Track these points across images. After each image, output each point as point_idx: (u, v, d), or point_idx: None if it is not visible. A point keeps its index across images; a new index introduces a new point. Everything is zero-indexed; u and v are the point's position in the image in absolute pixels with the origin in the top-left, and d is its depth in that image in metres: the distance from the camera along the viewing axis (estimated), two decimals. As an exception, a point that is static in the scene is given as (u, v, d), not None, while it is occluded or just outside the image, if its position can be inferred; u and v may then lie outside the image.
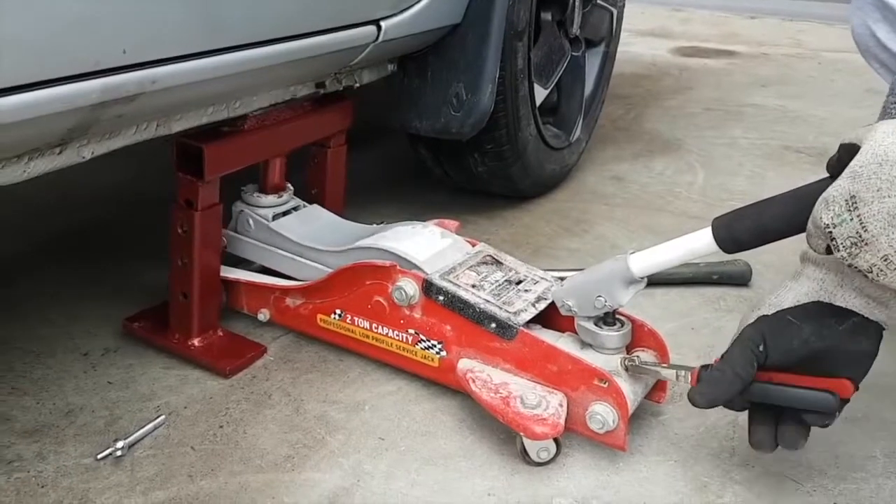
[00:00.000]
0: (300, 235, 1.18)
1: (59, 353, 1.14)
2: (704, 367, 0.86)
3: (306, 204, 1.27)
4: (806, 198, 0.78)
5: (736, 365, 0.82)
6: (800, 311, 0.84)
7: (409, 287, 1.03)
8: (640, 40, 3.67)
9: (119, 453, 0.93)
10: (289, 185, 1.26)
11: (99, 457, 0.93)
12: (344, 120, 1.31)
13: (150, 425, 0.98)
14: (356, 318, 1.10)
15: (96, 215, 1.65)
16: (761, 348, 0.82)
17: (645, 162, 2.04)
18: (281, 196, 1.23)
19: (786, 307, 0.85)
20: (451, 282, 1.03)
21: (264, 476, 0.92)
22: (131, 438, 0.95)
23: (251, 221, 1.21)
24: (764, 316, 0.85)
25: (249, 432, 0.99)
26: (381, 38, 1.15)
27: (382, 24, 1.14)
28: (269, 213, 1.20)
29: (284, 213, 1.22)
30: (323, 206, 1.32)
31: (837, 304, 0.83)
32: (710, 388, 0.83)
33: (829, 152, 0.81)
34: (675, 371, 0.90)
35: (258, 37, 0.93)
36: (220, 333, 1.16)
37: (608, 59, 1.99)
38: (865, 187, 0.71)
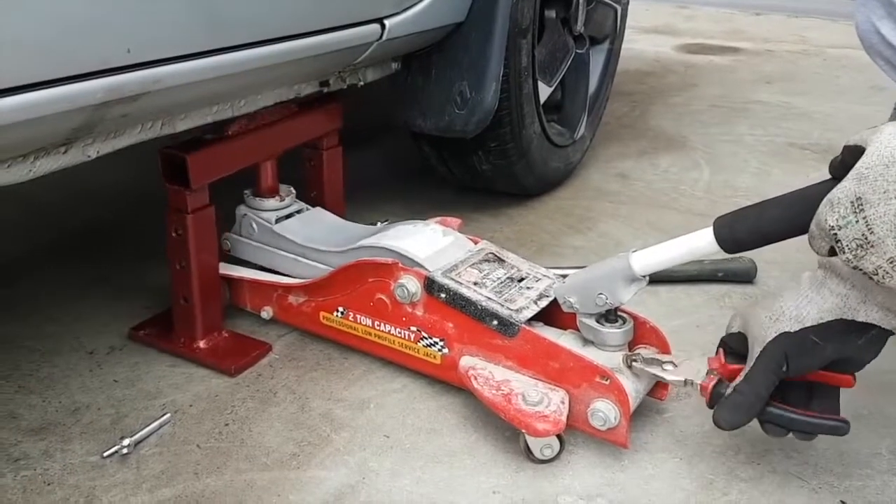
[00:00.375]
0: (303, 237, 1.19)
1: (64, 351, 1.15)
2: (718, 383, 0.87)
3: (309, 207, 1.28)
4: (808, 199, 0.78)
5: (760, 388, 0.84)
6: (824, 330, 0.84)
7: (411, 284, 1.03)
8: (645, 37, 3.67)
9: (125, 451, 0.93)
10: (291, 188, 1.26)
11: (105, 455, 0.93)
12: (332, 121, 1.31)
13: (156, 423, 0.98)
14: (358, 316, 1.10)
15: (100, 215, 1.66)
16: (784, 369, 0.84)
17: (650, 159, 2.04)
18: (283, 200, 1.23)
19: (809, 325, 0.84)
20: (452, 279, 1.03)
21: (270, 474, 0.92)
22: (137, 436, 0.95)
23: (254, 225, 1.21)
24: (786, 333, 0.85)
25: (255, 430, 0.99)
26: (384, 37, 1.15)
27: (386, 22, 1.14)
28: (273, 216, 1.21)
29: (287, 217, 1.23)
30: (323, 207, 1.32)
31: (859, 319, 0.83)
32: (734, 413, 0.85)
33: (834, 149, 0.80)
34: (683, 379, 0.90)
35: (262, 36, 0.93)
36: (225, 334, 1.16)
37: (612, 56, 1.99)
38: (872, 189, 0.71)
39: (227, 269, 1.20)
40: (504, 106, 1.44)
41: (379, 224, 1.40)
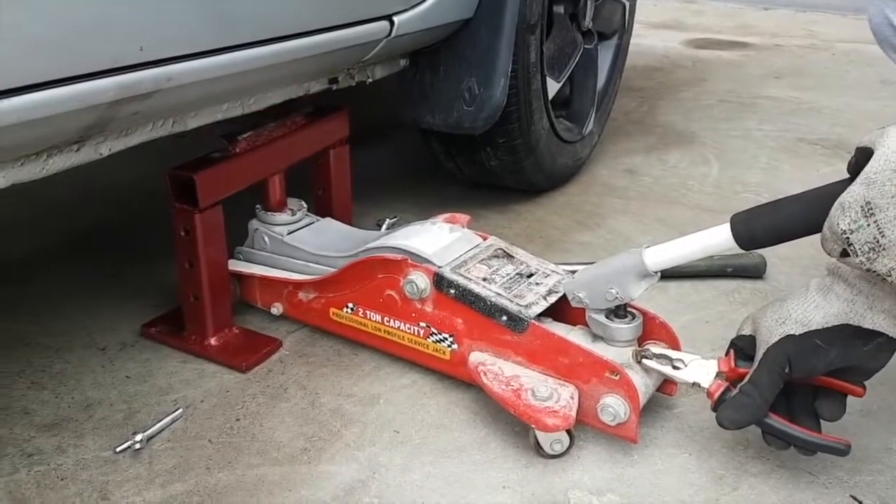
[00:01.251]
0: (313, 246, 1.19)
1: (77, 348, 1.16)
2: (726, 391, 0.88)
3: (319, 218, 1.28)
4: (825, 198, 0.78)
5: (764, 390, 0.85)
6: (828, 334, 0.84)
7: (420, 280, 1.03)
8: (653, 33, 3.66)
9: (137, 446, 0.94)
10: (302, 202, 1.27)
11: (118, 450, 0.94)
12: (339, 131, 1.32)
13: (168, 418, 0.99)
14: (368, 312, 1.10)
15: (111, 213, 1.67)
16: (787, 370, 0.84)
17: (658, 155, 2.04)
18: (295, 214, 1.24)
19: (814, 328, 0.85)
20: (462, 275, 1.03)
21: (281, 469, 0.93)
22: (149, 431, 0.96)
23: (266, 238, 1.22)
24: (790, 336, 0.85)
25: (266, 425, 1.00)
26: (393, 34, 1.16)
27: (395, 19, 1.15)
28: (284, 230, 1.22)
29: (298, 230, 1.24)
30: (330, 205, 1.33)
31: (865, 326, 0.83)
32: (738, 413, 0.86)
33: (844, 144, 0.81)
34: (692, 382, 0.90)
35: (272, 33, 0.93)
36: (236, 330, 1.17)
37: (621, 51, 1.99)
38: (880, 194, 0.72)
39: (237, 266, 1.21)
40: (512, 102, 1.44)
41: (387, 220, 1.41)
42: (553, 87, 1.61)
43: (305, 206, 1.27)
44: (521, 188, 1.70)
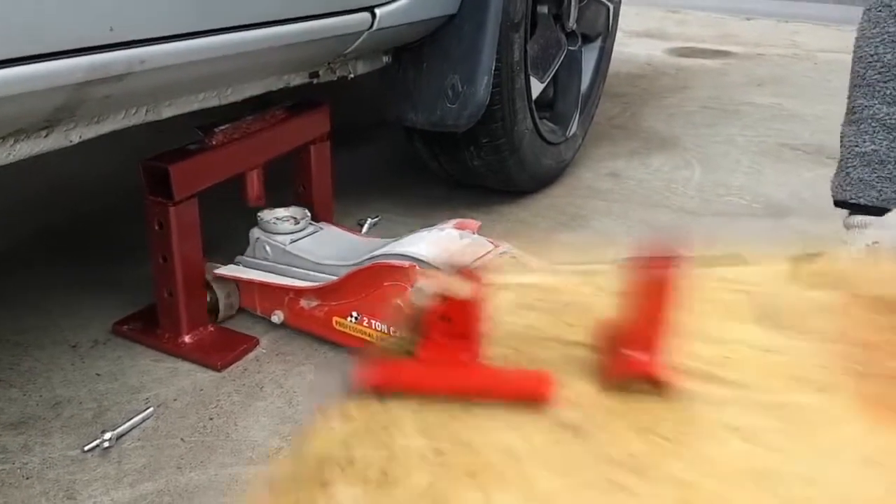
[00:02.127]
0: (318, 255, 1.16)
1: (47, 345, 1.12)
2: None
3: (322, 226, 1.25)
4: None
5: None
6: None
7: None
8: (636, 41, 3.66)
9: (106, 445, 0.91)
10: (306, 210, 1.24)
11: (86, 448, 0.91)
12: (320, 126, 1.29)
13: (139, 417, 0.96)
14: (373, 321, 1.07)
15: (87, 208, 1.63)
16: None
17: (642, 159, 2.03)
18: (298, 223, 1.21)
19: None
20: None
21: (255, 468, 0.90)
22: (119, 430, 0.93)
23: (268, 248, 1.19)
24: None
25: (240, 424, 0.97)
26: (375, 26, 1.14)
27: (377, 11, 1.13)
28: (287, 238, 1.19)
29: (300, 238, 1.21)
30: (310, 202, 1.30)
31: None
32: None
33: (826, 149, 0.80)
34: None
35: (250, 18, 0.91)
36: (211, 328, 1.14)
37: (604, 54, 1.98)
38: None
39: (236, 272, 1.17)
40: (496, 100, 1.42)
41: (369, 220, 1.39)
42: (537, 87, 1.60)
43: (309, 214, 1.24)
44: (505, 189, 1.68)
